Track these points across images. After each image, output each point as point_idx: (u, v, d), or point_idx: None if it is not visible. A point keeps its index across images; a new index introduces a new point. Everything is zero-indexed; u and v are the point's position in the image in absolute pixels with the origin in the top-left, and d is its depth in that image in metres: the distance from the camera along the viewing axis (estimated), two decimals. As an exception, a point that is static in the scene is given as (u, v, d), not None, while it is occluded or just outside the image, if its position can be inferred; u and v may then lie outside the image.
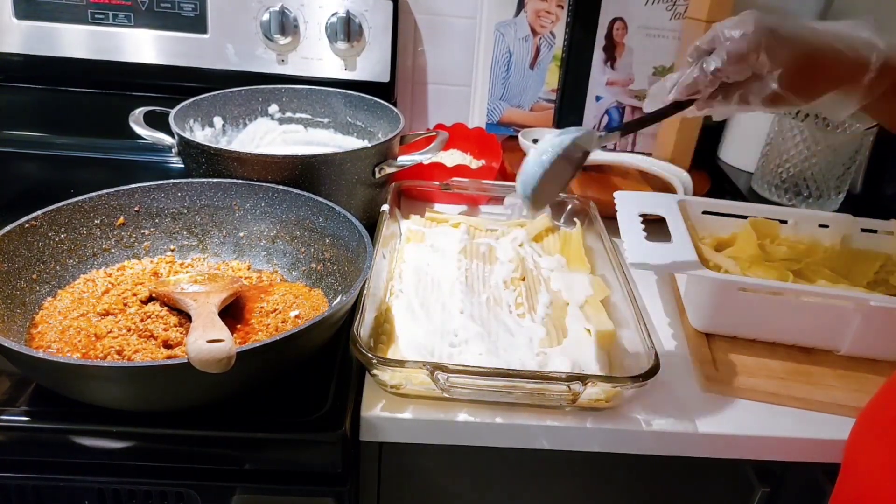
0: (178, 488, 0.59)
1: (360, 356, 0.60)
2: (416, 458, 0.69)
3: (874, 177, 1.06)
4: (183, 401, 0.56)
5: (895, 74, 0.57)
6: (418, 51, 1.17)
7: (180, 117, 0.87)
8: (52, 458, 0.58)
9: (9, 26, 1.00)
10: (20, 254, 0.64)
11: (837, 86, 0.58)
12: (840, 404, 0.67)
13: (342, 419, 0.59)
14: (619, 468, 0.71)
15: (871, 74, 0.57)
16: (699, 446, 0.66)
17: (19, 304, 0.63)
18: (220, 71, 1.05)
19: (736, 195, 1.07)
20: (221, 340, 0.50)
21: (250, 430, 0.58)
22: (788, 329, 0.73)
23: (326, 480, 0.60)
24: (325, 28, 1.04)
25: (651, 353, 0.63)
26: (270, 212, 0.76)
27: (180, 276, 0.70)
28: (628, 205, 0.81)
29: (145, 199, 0.74)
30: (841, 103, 0.59)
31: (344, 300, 0.60)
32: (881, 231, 0.84)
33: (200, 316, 0.58)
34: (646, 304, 0.82)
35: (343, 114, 1.01)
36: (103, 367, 0.53)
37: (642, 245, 0.73)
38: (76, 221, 0.70)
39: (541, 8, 1.10)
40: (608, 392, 0.62)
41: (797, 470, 0.70)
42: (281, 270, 0.75)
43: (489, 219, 0.94)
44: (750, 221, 0.84)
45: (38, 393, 0.59)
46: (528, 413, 0.64)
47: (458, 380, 0.61)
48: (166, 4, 1.02)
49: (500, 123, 1.17)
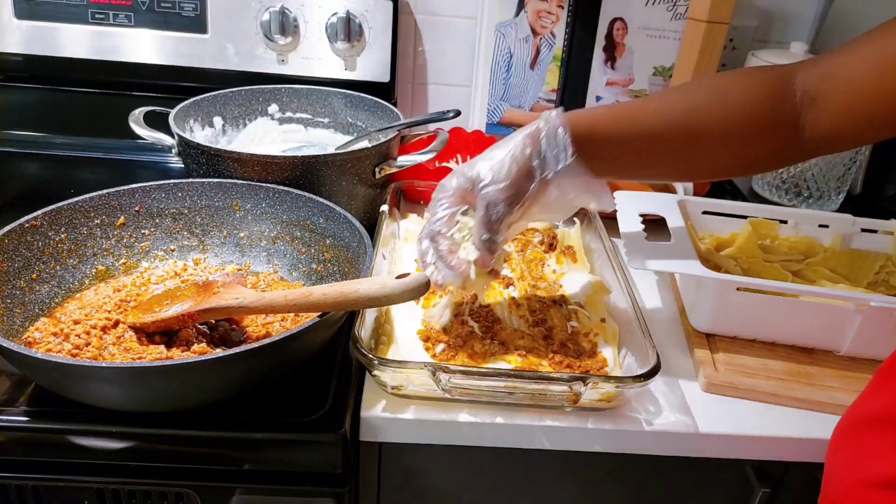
0: (178, 489, 0.59)
1: (361, 357, 0.60)
2: (416, 459, 0.69)
3: (874, 177, 1.06)
4: (183, 401, 0.56)
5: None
6: (418, 51, 1.17)
7: (180, 117, 0.87)
8: (52, 458, 0.58)
9: (9, 26, 1.00)
10: (20, 254, 0.64)
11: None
12: (840, 404, 0.67)
13: (342, 419, 0.59)
14: (619, 468, 0.71)
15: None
16: (699, 446, 0.66)
17: (19, 304, 0.63)
18: (220, 71, 1.05)
19: (736, 195, 1.07)
20: (408, 274, 0.56)
21: (250, 431, 0.58)
22: (788, 329, 0.73)
23: (326, 481, 0.60)
24: (325, 28, 1.04)
25: (651, 354, 0.63)
26: (271, 212, 0.76)
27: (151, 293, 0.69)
28: (628, 205, 0.81)
29: (146, 199, 0.74)
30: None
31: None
32: (881, 231, 0.84)
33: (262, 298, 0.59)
34: (646, 304, 0.82)
35: (343, 114, 1.01)
36: (103, 367, 0.53)
37: (642, 245, 0.73)
38: (76, 221, 0.70)
39: (541, 8, 1.10)
40: (609, 392, 0.62)
41: (797, 470, 0.70)
42: (281, 271, 0.75)
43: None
44: (750, 221, 0.84)
45: (38, 393, 0.59)
46: (529, 413, 0.64)
47: (459, 380, 0.61)
48: (166, 4, 1.02)
49: (500, 123, 1.17)
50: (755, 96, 0.62)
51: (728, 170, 0.71)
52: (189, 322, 0.61)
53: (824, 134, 0.61)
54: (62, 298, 0.67)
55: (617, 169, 0.66)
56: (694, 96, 0.64)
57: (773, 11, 1.18)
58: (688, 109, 0.63)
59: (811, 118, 0.61)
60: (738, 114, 0.62)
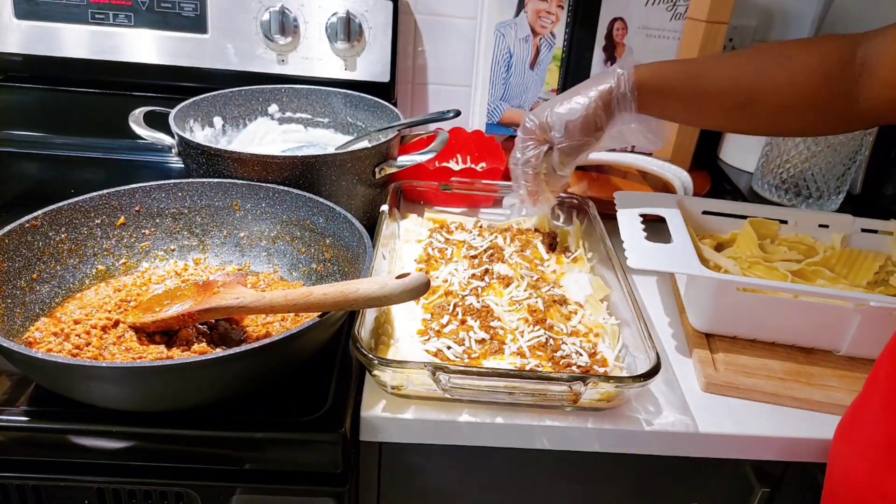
0: (178, 488, 0.59)
1: (362, 357, 0.60)
2: (416, 458, 0.69)
3: (874, 177, 1.06)
4: (183, 401, 0.56)
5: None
6: (418, 51, 1.17)
7: (180, 117, 0.87)
8: (52, 458, 0.58)
9: (9, 26, 1.00)
10: (20, 253, 0.64)
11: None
12: (840, 404, 0.67)
13: (342, 419, 0.59)
14: (619, 468, 0.71)
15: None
16: (699, 446, 0.66)
17: (19, 304, 0.63)
18: (220, 71, 1.05)
19: (736, 195, 1.07)
20: (408, 274, 0.56)
21: (250, 430, 0.58)
22: (788, 329, 0.73)
23: (326, 480, 0.60)
24: (325, 28, 1.04)
25: (651, 354, 0.63)
26: (271, 212, 0.76)
27: (152, 293, 0.69)
28: (628, 205, 0.81)
29: (146, 199, 0.74)
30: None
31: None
32: (881, 231, 0.84)
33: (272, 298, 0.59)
34: (646, 304, 0.82)
35: (343, 114, 1.01)
36: (103, 366, 0.53)
37: (642, 245, 0.73)
38: (76, 221, 0.70)
39: (541, 8, 1.10)
40: (609, 392, 0.62)
41: (797, 470, 0.70)
42: (281, 271, 0.75)
43: (489, 219, 0.94)
44: (750, 221, 0.84)
45: (39, 393, 0.59)
46: (529, 413, 0.64)
47: (459, 380, 0.61)
48: (166, 4, 1.02)
49: (500, 123, 1.17)
50: (817, 66, 0.66)
51: (783, 132, 0.81)
52: (189, 322, 0.61)
53: (875, 105, 0.64)
54: (62, 298, 0.67)
55: (675, 118, 0.78)
56: (761, 62, 0.69)
57: (772, 11, 1.18)
58: (754, 73, 0.68)
59: (865, 89, 0.64)
60: (799, 82, 0.66)
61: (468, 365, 0.64)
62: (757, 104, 0.69)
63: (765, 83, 0.68)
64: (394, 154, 0.89)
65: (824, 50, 0.66)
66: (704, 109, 0.72)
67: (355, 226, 0.69)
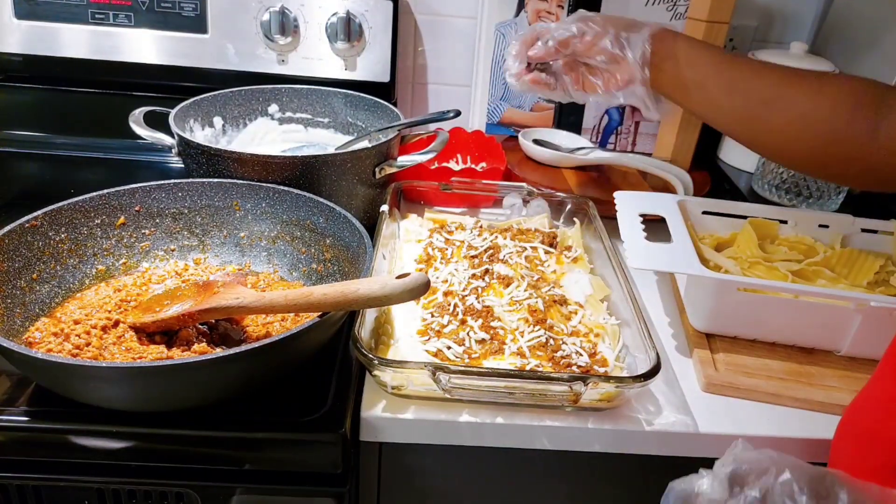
0: (178, 488, 0.59)
1: (362, 357, 0.60)
2: (416, 458, 0.69)
3: (874, 177, 1.06)
4: (183, 401, 0.56)
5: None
6: (418, 51, 1.17)
7: (180, 117, 0.87)
8: (52, 458, 0.58)
9: (9, 26, 1.00)
10: (20, 254, 0.64)
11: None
12: (840, 405, 0.67)
13: (342, 419, 0.59)
14: (619, 468, 0.71)
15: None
16: (699, 446, 0.66)
17: (19, 304, 0.63)
18: (220, 71, 1.05)
19: (736, 195, 1.07)
20: (408, 274, 0.56)
21: (250, 430, 0.58)
22: (788, 329, 0.73)
23: (326, 481, 0.60)
24: (325, 28, 1.04)
25: (651, 354, 0.63)
26: (271, 212, 0.76)
27: (152, 293, 0.69)
28: (628, 205, 0.81)
29: (146, 199, 0.74)
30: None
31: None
32: (881, 231, 0.84)
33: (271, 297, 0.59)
34: (646, 304, 0.82)
35: (343, 114, 1.01)
36: (103, 367, 0.53)
37: (642, 245, 0.73)
38: (76, 221, 0.70)
39: (541, 8, 1.10)
40: (609, 392, 0.62)
41: (797, 470, 0.70)
42: (281, 271, 0.75)
43: (489, 219, 0.94)
44: (750, 221, 0.84)
45: (39, 393, 0.59)
46: (529, 413, 0.64)
47: (459, 380, 0.61)
48: (166, 4, 1.02)
49: (500, 123, 1.17)
50: (827, 111, 0.63)
51: (795, 165, 0.77)
52: (189, 322, 0.61)
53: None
54: (62, 298, 0.67)
55: (684, 105, 0.74)
56: (783, 88, 0.66)
57: (773, 11, 1.18)
58: (768, 99, 0.66)
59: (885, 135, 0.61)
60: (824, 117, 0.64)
61: (468, 365, 0.64)
62: (764, 131, 0.68)
63: (775, 112, 0.66)
64: (394, 154, 0.89)
65: (843, 96, 0.64)
66: (706, 112, 0.72)
67: (355, 226, 0.69)
